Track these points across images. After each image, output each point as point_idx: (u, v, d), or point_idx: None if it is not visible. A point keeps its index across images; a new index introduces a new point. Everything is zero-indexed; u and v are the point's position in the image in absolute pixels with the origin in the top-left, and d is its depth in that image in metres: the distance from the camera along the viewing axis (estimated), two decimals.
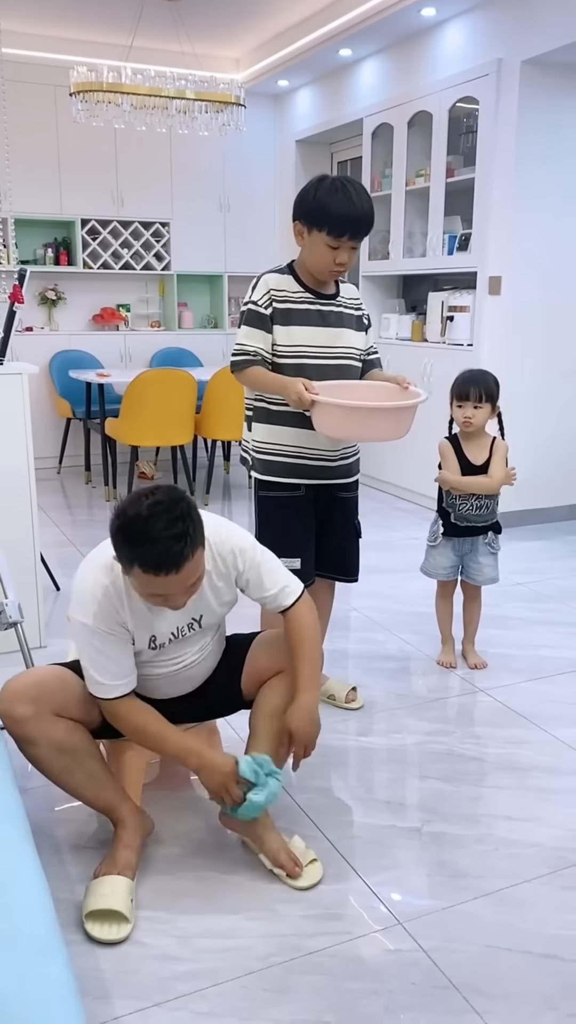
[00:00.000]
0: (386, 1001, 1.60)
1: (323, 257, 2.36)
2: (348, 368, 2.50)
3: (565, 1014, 1.57)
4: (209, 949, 1.73)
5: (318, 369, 2.42)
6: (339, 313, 2.48)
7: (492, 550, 3.00)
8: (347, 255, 2.35)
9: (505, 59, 4.36)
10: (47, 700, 1.86)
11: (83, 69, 4.81)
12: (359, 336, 2.54)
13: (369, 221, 2.32)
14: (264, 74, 6.14)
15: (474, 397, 2.79)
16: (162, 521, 1.65)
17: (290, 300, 2.42)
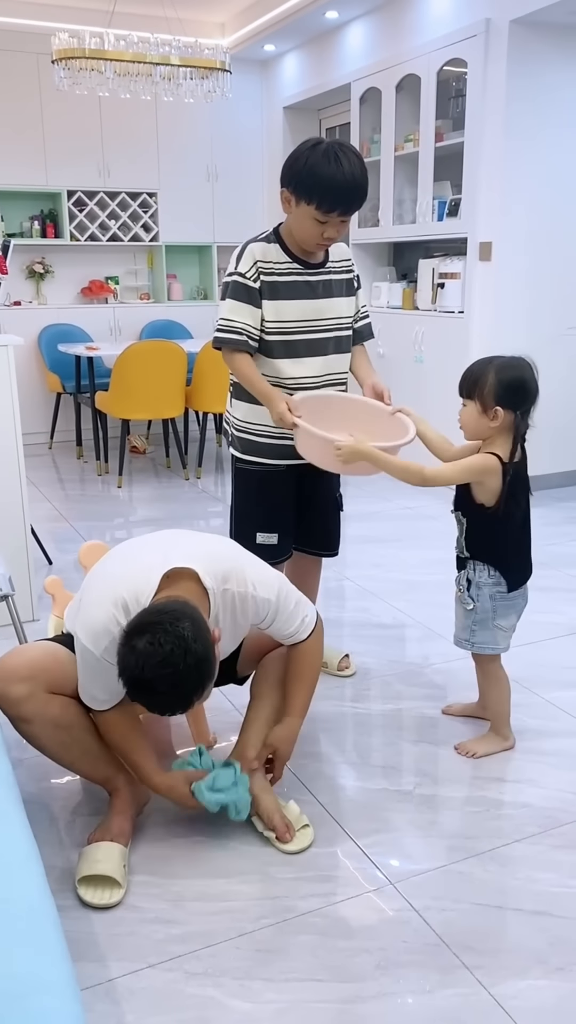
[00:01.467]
0: (377, 959, 1.62)
1: (310, 230, 2.21)
2: (340, 340, 2.42)
3: (554, 967, 1.60)
4: (202, 912, 1.74)
5: (308, 344, 2.35)
6: (328, 282, 2.36)
7: (463, 601, 2.19)
8: (336, 229, 2.21)
9: (493, 19, 4.29)
10: (42, 678, 1.85)
11: (65, 35, 4.72)
12: (349, 302, 2.44)
13: (362, 195, 2.16)
14: (250, 39, 6.04)
15: (459, 388, 2.13)
16: (165, 683, 1.58)
17: (277, 272, 2.29)
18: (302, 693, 2.04)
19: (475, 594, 2.16)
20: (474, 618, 2.17)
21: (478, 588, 2.15)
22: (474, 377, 2.06)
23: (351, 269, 2.46)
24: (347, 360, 2.48)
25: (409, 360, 5.15)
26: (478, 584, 2.15)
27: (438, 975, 1.58)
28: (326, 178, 2.10)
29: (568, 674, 2.75)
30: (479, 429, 2.08)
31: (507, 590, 2.15)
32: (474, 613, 2.16)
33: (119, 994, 1.55)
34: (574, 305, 4.58)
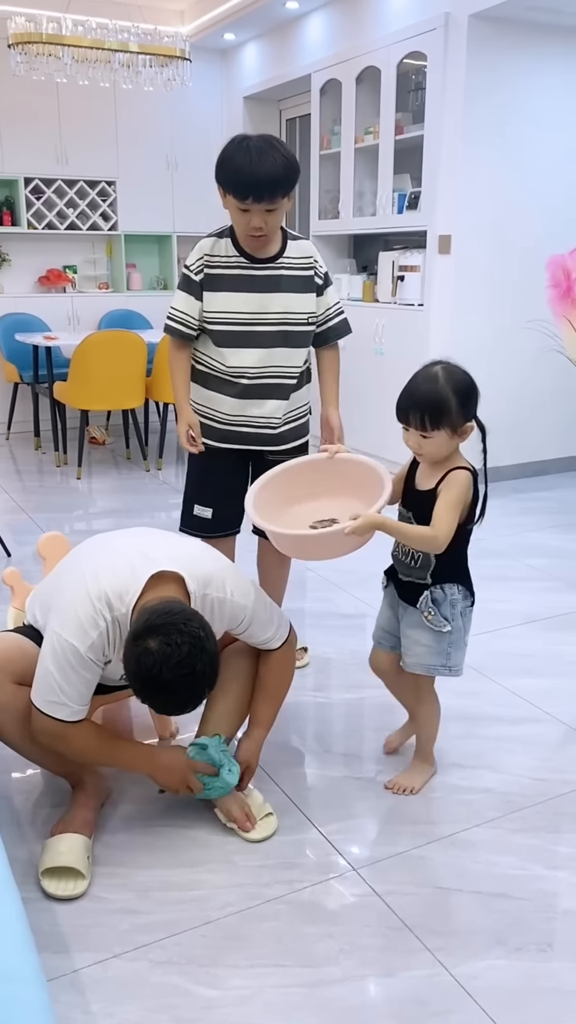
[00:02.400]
0: (341, 943, 1.64)
1: (237, 221, 2.29)
2: (288, 335, 2.41)
3: (513, 948, 1.63)
4: (167, 901, 1.75)
5: (249, 336, 2.38)
6: (277, 277, 2.37)
7: (430, 623, 1.98)
8: (260, 219, 2.24)
9: (452, 13, 4.31)
10: (8, 669, 1.84)
11: (21, 20, 4.65)
12: (305, 299, 2.42)
13: (272, 183, 2.18)
14: (210, 27, 6.00)
15: (415, 423, 1.85)
16: (183, 684, 1.62)
17: (222, 265, 2.36)
18: (269, 706, 2.08)
19: (449, 613, 1.97)
20: (450, 639, 1.99)
21: (452, 607, 1.97)
22: (437, 407, 1.82)
23: (312, 267, 2.45)
24: (301, 355, 2.48)
25: (369, 352, 5.18)
26: (451, 602, 1.97)
27: (401, 958, 1.61)
28: (236, 167, 2.20)
29: (526, 662, 2.80)
30: (447, 451, 1.91)
31: (472, 603, 2.04)
32: (450, 635, 1.98)
33: (84, 984, 1.55)
34: (532, 299, 4.64)
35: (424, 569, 1.97)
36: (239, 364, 2.41)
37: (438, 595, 1.97)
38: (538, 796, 2.10)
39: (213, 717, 2.05)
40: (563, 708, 2.51)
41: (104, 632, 1.75)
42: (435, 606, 1.97)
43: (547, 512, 4.42)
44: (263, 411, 2.46)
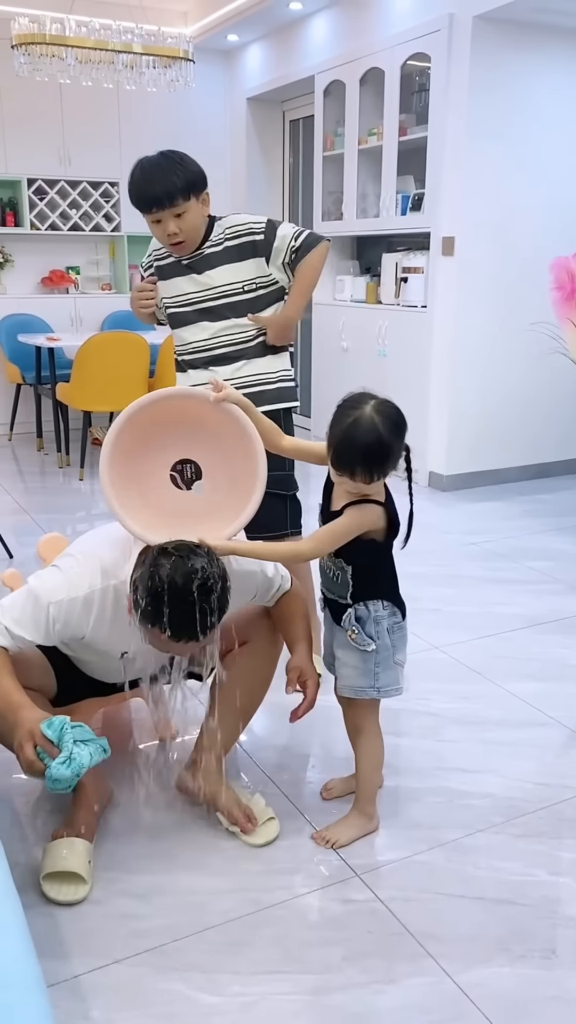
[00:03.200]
0: (343, 949, 1.63)
1: (157, 233, 2.41)
2: (233, 305, 2.46)
3: (517, 955, 1.62)
4: (168, 906, 1.74)
5: (196, 313, 2.51)
6: (207, 256, 2.45)
7: (354, 641, 1.86)
8: (174, 224, 2.34)
9: (456, 15, 4.31)
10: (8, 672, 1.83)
11: (25, 20, 4.65)
12: (240, 267, 2.44)
13: (165, 190, 2.27)
14: (213, 28, 5.99)
15: (363, 478, 1.71)
16: (190, 599, 1.60)
17: (163, 256, 2.54)
18: (300, 625, 2.01)
19: (373, 631, 1.85)
20: (376, 659, 1.86)
21: (376, 624, 1.85)
22: (382, 459, 1.69)
23: (249, 232, 2.43)
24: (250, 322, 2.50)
25: (372, 354, 5.17)
26: (375, 619, 1.85)
27: (404, 964, 1.60)
28: (136, 185, 2.34)
29: (528, 665, 2.79)
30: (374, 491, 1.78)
31: (402, 618, 1.91)
32: (376, 653, 1.86)
33: (85, 990, 1.54)
34: (536, 301, 4.63)
35: (343, 587, 1.86)
36: (194, 339, 2.53)
37: (362, 612, 1.85)
38: (541, 801, 2.09)
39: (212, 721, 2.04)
40: (565, 712, 2.50)
41: (89, 599, 1.75)
42: (359, 624, 1.85)
43: (549, 515, 4.41)
44: (227, 372, 2.52)
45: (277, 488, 2.59)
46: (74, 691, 2.05)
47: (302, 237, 2.47)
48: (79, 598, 1.76)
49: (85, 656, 1.97)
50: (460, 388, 4.69)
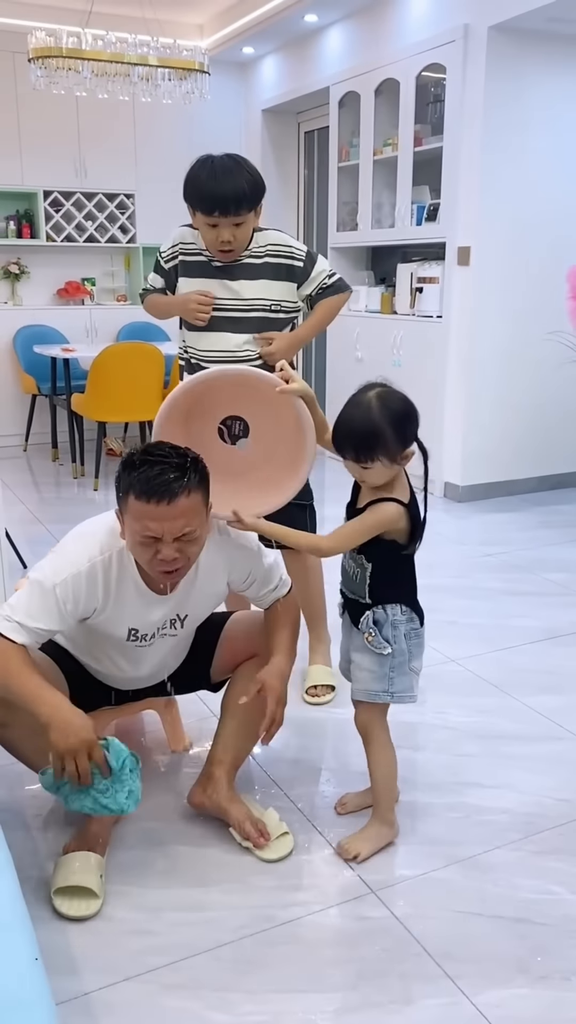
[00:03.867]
0: (359, 968, 1.60)
1: (208, 237, 2.35)
2: (257, 321, 2.44)
3: (536, 976, 1.58)
4: (180, 922, 1.71)
5: (219, 321, 2.45)
6: (245, 265, 2.41)
7: (371, 644, 1.86)
8: (229, 232, 2.30)
9: (472, 25, 4.30)
10: None
11: (42, 34, 4.68)
12: (277, 286, 2.44)
13: (236, 197, 2.25)
14: (228, 41, 6.02)
15: (350, 456, 1.76)
16: (165, 450, 1.68)
17: (191, 252, 2.46)
18: (285, 635, 1.98)
19: (390, 635, 1.85)
20: (391, 663, 1.86)
21: (393, 628, 1.85)
22: (371, 439, 1.72)
23: (290, 256, 2.45)
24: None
25: (387, 364, 5.15)
26: (393, 623, 1.85)
27: (420, 984, 1.56)
28: (203, 184, 2.28)
29: (546, 678, 2.75)
30: (388, 478, 1.79)
31: (419, 625, 1.90)
32: (391, 658, 1.85)
33: (95, 1008, 1.52)
34: (552, 310, 4.60)
35: (362, 585, 1.85)
36: (210, 347, 2.47)
37: (380, 615, 1.85)
38: (560, 817, 2.05)
39: (223, 735, 2.03)
40: None
41: (92, 571, 1.75)
42: (376, 627, 1.85)
43: (567, 526, 4.36)
44: None
45: (300, 498, 2.57)
46: (87, 701, 2.03)
47: (335, 279, 2.53)
48: (82, 572, 1.75)
49: (95, 650, 1.94)
50: (475, 398, 4.66)
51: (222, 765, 2.00)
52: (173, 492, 1.62)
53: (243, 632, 2.09)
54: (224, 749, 2.02)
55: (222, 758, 2.01)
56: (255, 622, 2.10)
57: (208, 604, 1.97)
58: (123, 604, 1.82)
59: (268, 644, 2.00)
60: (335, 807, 2.08)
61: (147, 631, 1.88)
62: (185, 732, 2.34)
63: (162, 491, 1.62)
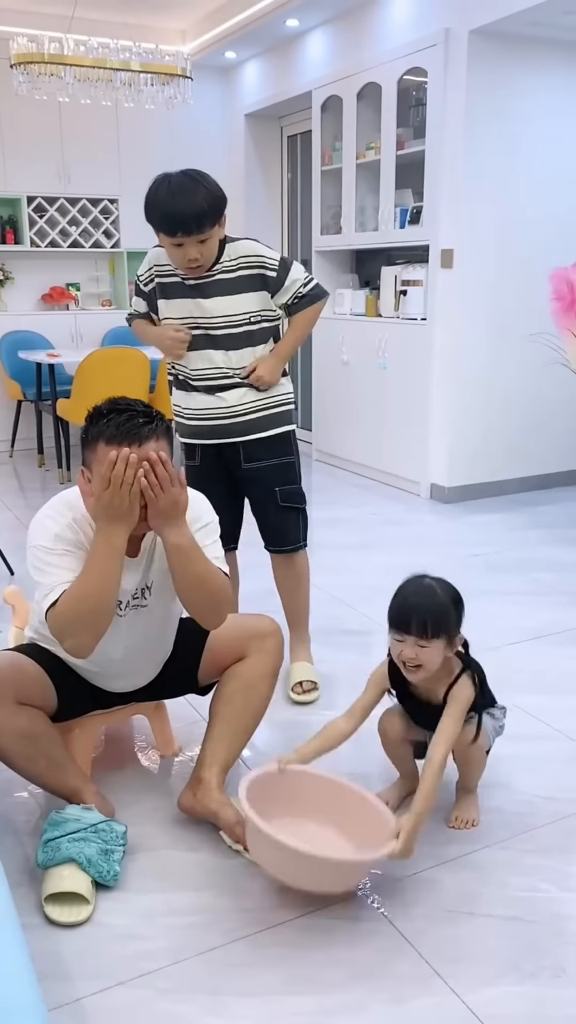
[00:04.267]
0: (351, 969, 1.60)
1: (175, 256, 2.34)
2: (234, 336, 2.43)
3: (527, 973, 1.59)
4: (172, 926, 1.71)
5: (194, 340, 2.45)
6: (216, 282, 2.40)
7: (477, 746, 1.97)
8: (196, 250, 2.29)
9: (453, 29, 4.33)
10: (8, 688, 1.82)
11: (23, 40, 4.68)
12: (253, 297, 2.43)
13: (196, 216, 2.22)
14: (211, 46, 6.03)
15: (417, 630, 1.81)
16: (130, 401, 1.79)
17: (166, 274, 2.46)
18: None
19: (494, 737, 2.05)
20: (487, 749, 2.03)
21: (494, 732, 2.05)
22: (439, 614, 1.83)
23: (260, 265, 2.43)
24: (246, 355, 2.49)
25: (372, 367, 5.17)
26: (496, 728, 2.05)
27: (412, 985, 1.57)
28: (162, 206, 2.25)
29: (534, 678, 2.77)
30: (439, 662, 1.87)
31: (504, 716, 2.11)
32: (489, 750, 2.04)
33: (87, 1013, 1.51)
34: (535, 312, 4.63)
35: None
36: (198, 366, 2.49)
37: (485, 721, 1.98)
38: (549, 816, 2.06)
39: (212, 739, 2.03)
40: (572, 725, 2.47)
41: (69, 527, 1.83)
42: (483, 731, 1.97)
43: (553, 526, 4.39)
44: (226, 402, 2.51)
45: (293, 502, 2.64)
46: (74, 706, 2.03)
47: (311, 285, 2.51)
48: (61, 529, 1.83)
49: None
50: (461, 399, 4.68)
51: (211, 769, 2.00)
52: (142, 436, 1.72)
53: (228, 636, 2.10)
54: (213, 753, 2.02)
55: (211, 762, 2.01)
56: (240, 626, 2.10)
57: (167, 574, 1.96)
58: None
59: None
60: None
61: (121, 598, 1.90)
62: (174, 736, 2.34)
63: (132, 434, 1.71)
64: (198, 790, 1.99)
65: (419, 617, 1.81)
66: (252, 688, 2.06)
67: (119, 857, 1.82)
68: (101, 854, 1.79)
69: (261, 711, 2.09)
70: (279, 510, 2.62)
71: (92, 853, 1.77)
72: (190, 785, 2.02)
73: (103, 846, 1.80)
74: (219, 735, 2.03)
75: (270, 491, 2.60)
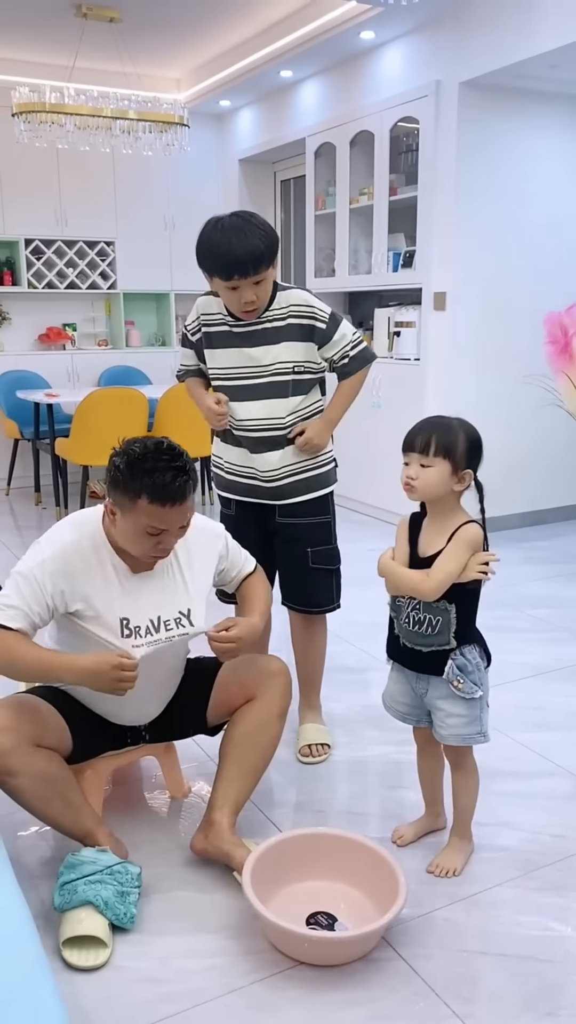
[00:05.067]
0: (368, 1010, 1.62)
1: (229, 300, 2.29)
2: (278, 385, 2.37)
3: (543, 1013, 1.61)
4: (190, 969, 1.72)
5: (243, 389, 2.40)
6: (264, 330, 2.35)
7: (460, 691, 1.91)
8: (252, 292, 2.24)
9: (443, 81, 4.47)
10: (26, 730, 1.84)
11: (25, 90, 4.80)
12: (301, 347, 2.37)
13: (253, 258, 2.18)
14: (206, 94, 6.19)
15: (420, 447, 1.85)
16: (171, 451, 1.82)
17: (214, 323, 2.42)
18: (260, 601, 2.16)
19: (477, 679, 1.92)
20: (480, 704, 1.94)
21: (478, 670, 1.93)
22: (447, 437, 1.84)
23: (309, 315, 2.37)
24: (293, 403, 2.42)
25: (368, 405, 5.24)
26: (476, 666, 1.92)
27: None
28: (217, 249, 2.20)
29: (536, 715, 2.80)
30: (441, 491, 1.87)
31: (488, 663, 1.99)
32: (481, 699, 1.94)
33: None
34: (527, 353, 4.72)
35: (445, 633, 1.89)
36: (244, 417, 2.42)
37: (461, 662, 1.91)
38: (557, 854, 2.09)
39: (222, 780, 2.05)
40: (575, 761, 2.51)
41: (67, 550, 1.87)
42: (462, 673, 1.90)
43: (549, 562, 4.44)
44: (261, 463, 2.45)
45: (326, 563, 2.58)
46: (89, 746, 2.05)
47: (359, 348, 2.45)
48: (57, 553, 1.87)
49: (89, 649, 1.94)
50: None
51: (222, 811, 2.02)
52: (184, 494, 1.81)
53: (236, 678, 2.13)
54: (224, 794, 2.04)
55: (222, 803, 2.03)
56: (249, 667, 2.14)
57: (200, 587, 2.05)
58: (106, 583, 1.89)
59: (244, 608, 2.15)
60: (392, 840, 2.13)
61: (139, 622, 1.92)
62: (184, 778, 2.36)
63: (177, 495, 1.79)
64: (210, 832, 2.00)
65: (424, 435, 1.85)
66: (262, 729, 2.08)
67: (135, 899, 1.84)
68: (117, 896, 1.80)
69: (271, 752, 2.11)
70: (309, 572, 2.55)
71: (109, 895, 1.79)
72: (202, 828, 2.04)
73: (119, 888, 1.81)
74: (229, 776, 2.05)
75: (302, 551, 2.53)
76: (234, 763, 2.06)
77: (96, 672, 1.79)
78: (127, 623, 1.92)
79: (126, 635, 1.92)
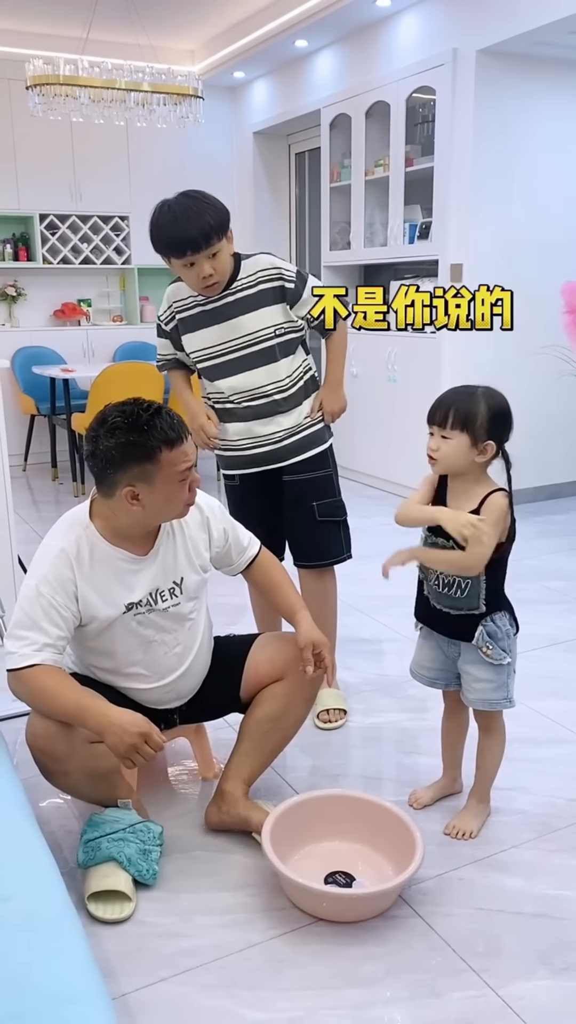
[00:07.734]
0: (387, 965, 1.65)
1: (188, 278, 2.32)
2: (264, 352, 2.42)
3: (558, 968, 1.64)
4: (211, 925, 1.76)
5: (229, 364, 2.44)
6: (237, 300, 2.39)
7: (489, 657, 1.95)
8: (209, 266, 2.27)
9: (460, 49, 4.42)
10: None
11: (39, 62, 4.77)
12: (267, 312, 2.41)
13: (203, 233, 2.21)
14: (220, 66, 6.14)
15: (439, 419, 1.89)
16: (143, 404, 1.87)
17: (186, 308, 2.45)
18: (289, 590, 2.16)
19: (506, 646, 1.96)
20: (508, 670, 1.98)
21: (507, 637, 1.96)
22: (466, 409, 1.87)
23: (276, 277, 2.41)
24: (286, 366, 2.48)
25: (383, 379, 5.24)
26: (507, 633, 1.96)
27: (447, 979, 1.62)
28: (161, 230, 2.26)
29: (553, 684, 2.82)
30: (462, 463, 1.91)
31: (517, 630, 2.02)
32: (509, 666, 1.98)
33: (134, 1008, 1.56)
34: (544, 325, 4.68)
35: (474, 597, 1.92)
36: (235, 387, 2.47)
37: (491, 628, 1.94)
38: (573, 816, 2.11)
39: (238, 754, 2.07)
40: None
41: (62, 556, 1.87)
42: (492, 640, 1.93)
43: (565, 535, 4.44)
44: (267, 429, 2.51)
45: (332, 515, 2.62)
46: None
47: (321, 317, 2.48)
48: (55, 561, 1.87)
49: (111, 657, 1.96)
50: None
51: (234, 782, 2.03)
52: (181, 423, 1.86)
53: (266, 657, 2.11)
54: (238, 767, 2.05)
55: (234, 775, 2.04)
56: (279, 644, 2.13)
57: (195, 557, 2.02)
58: (107, 575, 1.88)
59: (280, 607, 2.14)
60: (409, 803, 2.16)
61: (140, 596, 1.92)
62: (215, 759, 2.35)
63: (180, 427, 1.84)
64: (223, 803, 2.03)
65: (444, 408, 1.88)
66: (288, 711, 2.07)
67: (157, 857, 1.87)
68: (140, 853, 1.84)
69: (292, 734, 2.12)
70: (317, 525, 2.60)
71: (132, 852, 1.82)
72: (214, 800, 2.06)
73: (141, 846, 1.85)
74: (246, 751, 2.06)
75: (309, 506, 2.58)
76: (253, 740, 2.06)
77: (122, 729, 1.69)
78: (131, 604, 1.92)
79: (130, 611, 1.92)
